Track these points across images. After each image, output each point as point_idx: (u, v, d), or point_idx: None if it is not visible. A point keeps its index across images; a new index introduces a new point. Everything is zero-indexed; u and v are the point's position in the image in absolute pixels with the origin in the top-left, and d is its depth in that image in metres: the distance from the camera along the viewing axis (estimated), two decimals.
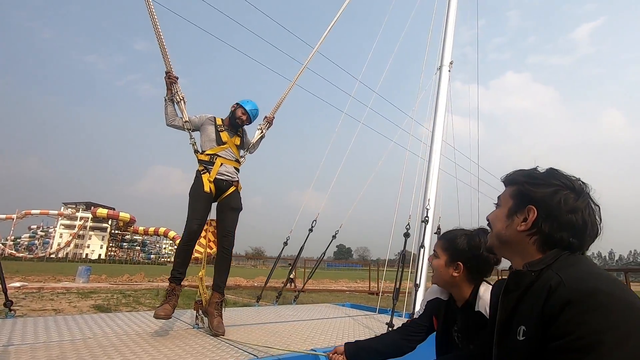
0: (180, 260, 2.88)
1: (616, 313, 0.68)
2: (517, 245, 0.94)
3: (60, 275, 20.17)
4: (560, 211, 0.87)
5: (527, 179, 0.95)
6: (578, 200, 0.87)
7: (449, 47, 5.93)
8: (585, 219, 0.87)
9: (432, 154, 5.31)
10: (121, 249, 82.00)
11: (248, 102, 3.27)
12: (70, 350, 2.09)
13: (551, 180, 0.91)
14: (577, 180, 0.92)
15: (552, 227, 0.87)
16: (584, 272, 0.79)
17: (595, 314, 0.68)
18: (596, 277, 0.76)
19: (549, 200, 0.88)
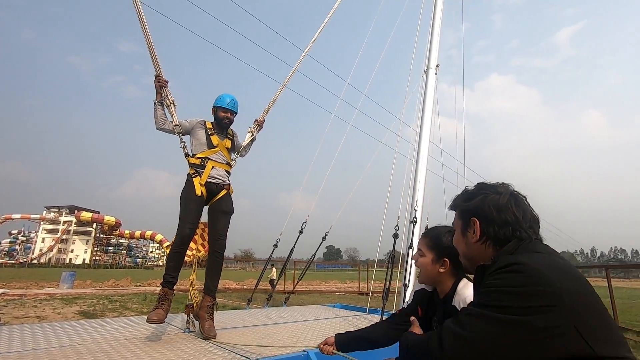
0: (173, 265, 2.87)
1: (522, 277, 0.80)
2: (479, 255, 1.06)
3: (43, 281, 19.66)
4: (492, 214, 1.01)
5: (462, 199, 1.11)
6: (500, 199, 1.02)
7: (435, 50, 6.04)
8: (514, 212, 1.00)
9: (419, 155, 5.40)
10: (106, 254, 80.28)
11: (223, 98, 3.23)
12: (60, 357, 2.07)
13: (479, 192, 1.07)
14: (500, 184, 1.08)
15: (494, 228, 1.00)
16: (529, 255, 0.90)
17: (507, 274, 0.82)
18: (530, 255, 0.89)
19: (481, 208, 1.03)
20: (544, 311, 0.75)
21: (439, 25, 6.18)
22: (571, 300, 0.76)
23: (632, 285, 36.12)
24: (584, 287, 0.81)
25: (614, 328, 0.80)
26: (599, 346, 0.74)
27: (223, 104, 3.20)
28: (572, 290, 0.78)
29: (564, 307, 0.75)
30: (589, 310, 0.77)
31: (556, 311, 0.75)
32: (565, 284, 0.78)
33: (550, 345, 0.75)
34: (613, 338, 0.77)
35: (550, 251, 0.94)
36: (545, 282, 0.77)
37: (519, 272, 0.81)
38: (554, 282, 0.77)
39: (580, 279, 0.83)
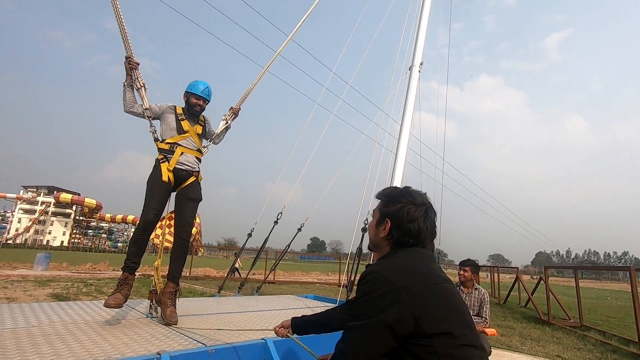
0: (135, 250, 2.84)
1: (370, 285, 1.05)
2: (380, 246, 1.30)
3: (16, 262, 19.17)
4: (403, 222, 1.21)
5: (386, 198, 1.31)
6: (416, 212, 1.22)
7: (420, 48, 6.07)
8: (421, 225, 1.21)
9: (399, 149, 5.45)
10: (86, 237, 78.72)
11: (197, 85, 3.17)
12: (10, 338, 2.03)
13: (400, 199, 1.25)
14: (421, 196, 1.27)
15: (399, 233, 1.22)
16: (387, 261, 1.18)
17: (363, 285, 1.08)
18: (384, 263, 1.16)
19: (397, 214, 1.23)
20: (391, 306, 0.98)
21: (425, 23, 6.19)
22: (408, 294, 0.99)
23: (602, 286, 37.63)
24: (422, 280, 1.05)
25: (449, 310, 1.03)
26: (428, 326, 0.97)
27: (197, 91, 3.14)
28: (409, 286, 1.00)
29: (404, 300, 0.98)
30: (424, 298, 1.00)
31: (399, 304, 0.98)
32: (403, 282, 1.01)
33: (399, 330, 0.97)
34: (443, 318, 1.00)
35: (413, 256, 1.17)
36: (387, 283, 1.02)
37: (370, 281, 1.06)
38: (394, 282, 1.01)
39: (420, 274, 1.07)
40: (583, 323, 8.56)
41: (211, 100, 3.28)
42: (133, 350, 1.96)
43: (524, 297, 12.49)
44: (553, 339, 6.64)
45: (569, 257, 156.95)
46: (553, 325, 8.36)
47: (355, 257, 3.46)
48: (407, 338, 0.98)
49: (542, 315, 9.21)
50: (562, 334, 7.31)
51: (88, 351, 1.90)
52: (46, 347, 1.92)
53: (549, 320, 8.71)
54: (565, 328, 8.00)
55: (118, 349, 1.97)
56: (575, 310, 9.40)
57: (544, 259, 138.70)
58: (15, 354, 1.78)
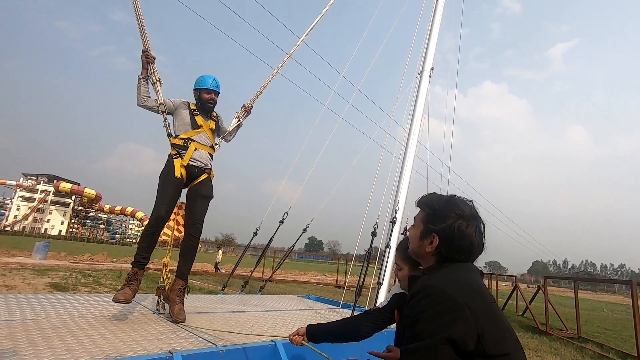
0: (145, 245, 2.83)
1: (431, 300, 1.00)
2: (425, 258, 1.24)
3: (15, 250, 19.15)
4: (454, 239, 1.15)
5: (431, 211, 1.23)
6: (468, 227, 1.15)
7: (432, 53, 6.05)
8: (472, 241, 1.15)
9: (406, 155, 5.44)
10: (84, 227, 78.65)
11: (205, 80, 3.15)
12: (20, 330, 2.03)
13: (449, 213, 1.18)
14: (469, 207, 1.20)
15: (448, 250, 1.16)
16: (441, 275, 1.11)
17: (421, 300, 1.02)
18: (440, 277, 1.09)
19: (447, 231, 1.16)
20: (455, 322, 0.94)
21: (437, 27, 6.18)
22: (471, 310, 0.95)
23: (598, 297, 37.66)
24: (480, 297, 1.01)
25: (504, 330, 1.00)
26: (489, 346, 0.94)
27: (206, 85, 3.12)
28: (470, 302, 0.97)
29: (468, 316, 0.95)
30: (484, 316, 0.96)
31: (464, 320, 0.94)
32: (464, 298, 0.97)
33: (460, 348, 0.93)
34: (501, 338, 0.97)
35: (466, 272, 1.12)
36: (449, 298, 0.97)
37: (429, 295, 1.01)
38: (456, 297, 0.97)
39: (477, 291, 1.03)
40: (581, 334, 8.56)
41: (221, 93, 3.25)
42: (144, 348, 1.95)
43: (521, 305, 12.49)
44: (551, 350, 6.64)
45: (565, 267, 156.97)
46: (551, 335, 8.35)
47: (365, 260, 3.45)
48: (467, 356, 0.94)
49: (540, 325, 9.21)
50: (560, 344, 7.30)
51: (99, 347, 1.89)
52: (57, 341, 1.91)
53: (547, 330, 8.71)
54: (563, 339, 8.00)
55: (129, 346, 1.96)
56: (572, 321, 9.40)
57: (541, 267, 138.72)
58: (27, 347, 1.78)
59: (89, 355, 1.75)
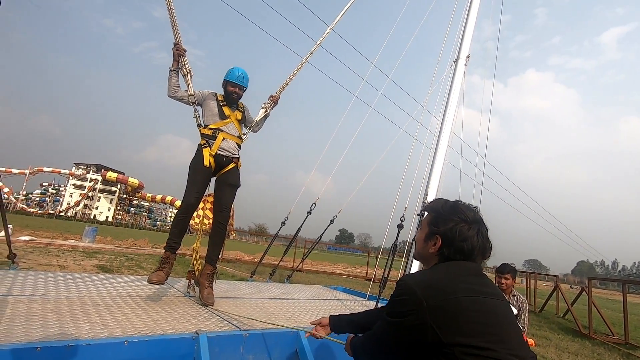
0: (177, 230, 2.96)
1: (397, 291, 1.16)
2: (428, 260, 1.34)
3: (67, 233, 20.79)
4: (455, 240, 1.23)
5: (435, 214, 1.32)
6: (469, 230, 1.23)
7: (468, 40, 5.77)
8: (473, 244, 1.23)
9: (438, 145, 5.26)
10: (128, 214, 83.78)
11: (233, 72, 3.22)
12: (65, 305, 2.20)
13: (452, 216, 1.26)
14: (472, 211, 1.27)
15: (450, 251, 1.25)
16: (420, 273, 1.28)
17: (394, 290, 1.18)
18: (417, 275, 1.27)
19: (449, 233, 1.25)
20: (410, 313, 1.10)
21: (475, 13, 5.87)
22: (429, 305, 1.07)
23: None
24: (448, 295, 1.10)
25: (486, 324, 1.07)
26: (447, 335, 1.03)
27: (232, 78, 3.19)
28: (430, 298, 1.08)
29: (423, 309, 1.07)
30: (445, 311, 1.06)
31: (418, 312, 1.08)
32: (426, 293, 1.09)
33: (417, 336, 1.09)
34: (466, 331, 1.04)
35: (450, 269, 1.21)
36: (410, 293, 1.12)
37: (399, 286, 1.17)
38: (417, 293, 1.10)
39: (450, 289, 1.11)
40: (628, 340, 7.99)
41: (249, 87, 3.30)
42: (173, 327, 2.05)
43: (562, 307, 11.83)
44: (594, 355, 6.26)
45: (615, 269, 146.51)
46: (594, 339, 7.87)
47: (390, 254, 3.41)
48: (433, 346, 1.06)
49: (582, 329, 8.69)
50: (603, 350, 6.87)
51: (132, 324, 2.01)
52: (95, 317, 2.05)
53: (590, 334, 8.21)
54: (607, 344, 7.50)
55: (159, 324, 2.07)
56: (619, 326, 8.79)
57: (586, 268, 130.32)
58: (69, 320, 1.93)
59: (122, 331, 1.87)
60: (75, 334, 1.73)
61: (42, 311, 2.01)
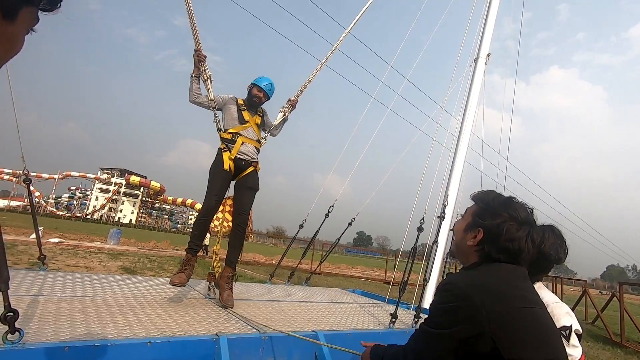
0: (198, 233, 3.02)
1: (448, 295, 1.00)
2: (465, 252, 1.19)
3: (93, 235, 21.53)
4: (500, 238, 1.09)
5: (484, 205, 1.18)
6: (519, 231, 1.09)
7: (488, 38, 5.65)
8: (522, 246, 1.08)
9: (458, 146, 5.16)
10: (150, 216, 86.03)
11: (261, 79, 3.31)
12: (91, 305, 2.27)
13: (501, 212, 1.12)
14: (526, 211, 1.13)
15: (492, 249, 1.10)
16: (470, 274, 1.10)
17: (440, 293, 1.03)
18: (467, 275, 1.09)
19: (494, 229, 1.10)
20: (465, 322, 0.93)
21: (494, 11, 5.74)
22: (488, 313, 0.92)
23: None
24: (507, 304, 0.96)
25: (539, 339, 0.94)
26: (507, 351, 0.89)
27: (260, 84, 3.27)
28: (489, 305, 0.93)
29: (481, 319, 0.91)
30: (505, 321, 0.92)
31: (474, 322, 0.92)
32: (484, 300, 0.94)
33: (469, 349, 0.94)
34: (524, 346, 0.91)
35: (502, 273, 1.06)
36: (464, 297, 0.96)
37: (447, 291, 1.01)
38: (473, 297, 0.95)
39: (507, 297, 0.97)
40: None
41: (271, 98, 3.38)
42: (194, 329, 2.09)
43: (591, 313, 11.34)
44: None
45: None
46: (626, 348, 7.50)
47: (409, 257, 3.35)
48: (482, 357, 0.92)
49: (613, 336, 8.30)
50: (637, 359, 6.53)
51: (155, 325, 2.05)
52: (120, 317, 2.11)
53: (622, 342, 7.83)
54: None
55: (181, 326, 2.11)
56: None
57: (617, 273, 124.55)
58: (95, 320, 1.99)
59: (145, 332, 1.91)
60: (101, 334, 1.78)
61: (69, 311, 2.08)
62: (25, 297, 2.25)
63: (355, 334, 2.62)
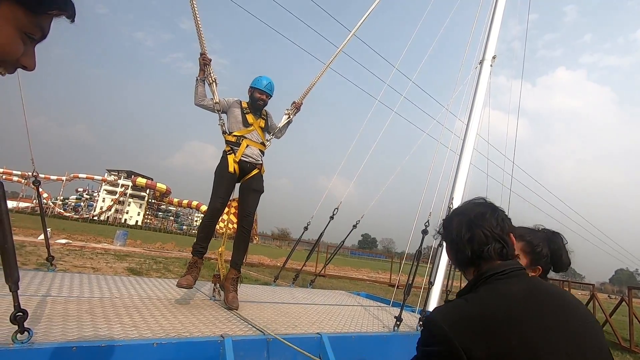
0: (203, 235, 3.04)
1: (427, 336, 0.90)
2: (465, 272, 1.07)
3: (100, 236, 21.71)
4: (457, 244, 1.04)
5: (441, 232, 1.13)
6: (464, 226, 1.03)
7: (494, 40, 5.63)
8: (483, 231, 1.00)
9: (464, 149, 5.14)
10: (156, 218, 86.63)
11: (259, 81, 3.30)
12: (98, 306, 2.30)
13: (453, 220, 1.07)
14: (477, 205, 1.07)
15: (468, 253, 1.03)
16: (455, 304, 0.93)
17: (422, 333, 0.93)
18: (449, 307, 0.93)
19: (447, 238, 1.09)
20: None
21: (500, 13, 5.72)
22: (470, 355, 0.79)
23: None
24: (496, 342, 0.81)
25: None
26: None
27: (260, 86, 3.27)
28: (472, 348, 0.79)
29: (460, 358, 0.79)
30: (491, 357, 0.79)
31: None
32: (465, 342, 0.80)
33: None
34: None
35: (498, 294, 0.90)
36: (443, 340, 0.83)
37: (426, 330, 0.91)
38: (453, 341, 0.81)
39: (493, 332, 0.82)
40: None
41: (273, 95, 3.38)
42: (199, 330, 2.10)
43: (599, 317, 11.19)
44: None
45: None
46: (636, 353, 7.39)
47: (414, 260, 3.34)
48: None
49: (622, 341, 8.18)
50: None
51: (161, 326, 2.07)
52: (126, 318, 2.13)
53: (631, 347, 7.72)
54: None
55: (186, 327, 2.12)
56: None
57: (626, 277, 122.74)
58: (102, 321, 2.01)
59: (151, 333, 1.93)
60: (108, 334, 1.81)
61: (77, 312, 2.11)
62: (33, 297, 2.28)
63: (360, 336, 2.62)
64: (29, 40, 0.59)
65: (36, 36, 0.59)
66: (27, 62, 0.61)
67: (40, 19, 0.58)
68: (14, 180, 60.69)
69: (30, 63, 0.61)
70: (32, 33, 0.58)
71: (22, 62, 0.60)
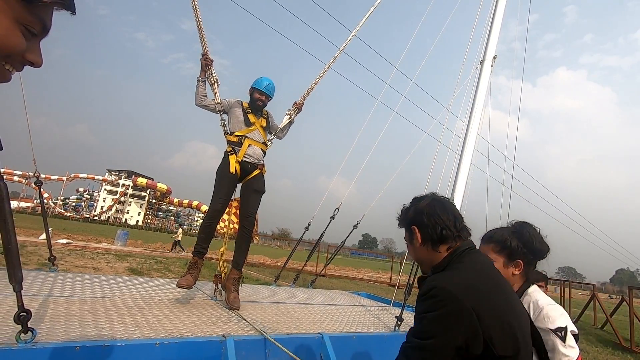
0: (204, 236, 3.05)
1: (437, 301, 0.95)
2: (425, 257, 1.20)
3: (101, 236, 21.75)
4: (423, 218, 1.19)
5: (402, 215, 1.29)
6: (425, 206, 1.21)
7: (494, 41, 5.63)
8: (438, 213, 1.16)
9: (464, 149, 5.14)
10: (157, 218, 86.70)
11: (261, 81, 3.31)
12: (100, 306, 2.31)
13: (410, 205, 1.26)
14: (427, 194, 1.25)
15: (428, 231, 1.17)
16: (449, 274, 1.04)
17: (427, 301, 0.98)
18: (447, 276, 1.02)
19: (414, 217, 1.21)
20: (459, 328, 0.91)
21: (501, 13, 5.73)
22: (479, 315, 0.91)
23: None
24: (490, 300, 0.96)
25: (515, 328, 0.96)
26: (499, 349, 0.91)
27: (260, 87, 3.29)
28: (477, 306, 0.92)
29: (474, 321, 0.91)
30: (493, 319, 0.93)
31: (469, 325, 0.91)
32: (471, 300, 0.93)
33: (466, 352, 0.92)
34: (511, 338, 0.94)
35: (476, 267, 1.06)
36: (455, 302, 0.93)
37: (434, 296, 0.96)
38: (463, 300, 0.93)
39: (486, 292, 0.98)
40: None
41: (274, 96, 3.39)
42: (201, 330, 2.11)
43: (600, 317, 11.19)
44: None
45: None
46: (636, 353, 7.39)
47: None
48: (474, 358, 0.92)
49: (623, 341, 8.18)
50: None
51: (163, 326, 2.08)
52: (128, 318, 2.14)
53: (631, 347, 7.72)
54: None
55: (188, 327, 2.13)
56: None
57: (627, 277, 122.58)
58: (105, 321, 2.02)
59: (154, 333, 1.93)
60: (110, 334, 1.81)
61: (79, 312, 2.12)
62: (36, 297, 2.29)
63: (361, 336, 2.62)
64: (31, 35, 0.57)
65: (36, 29, 0.57)
66: (33, 58, 0.60)
67: (37, 9, 0.55)
68: (15, 180, 60.79)
69: (36, 59, 0.60)
70: (31, 25, 0.56)
71: (28, 58, 0.59)
